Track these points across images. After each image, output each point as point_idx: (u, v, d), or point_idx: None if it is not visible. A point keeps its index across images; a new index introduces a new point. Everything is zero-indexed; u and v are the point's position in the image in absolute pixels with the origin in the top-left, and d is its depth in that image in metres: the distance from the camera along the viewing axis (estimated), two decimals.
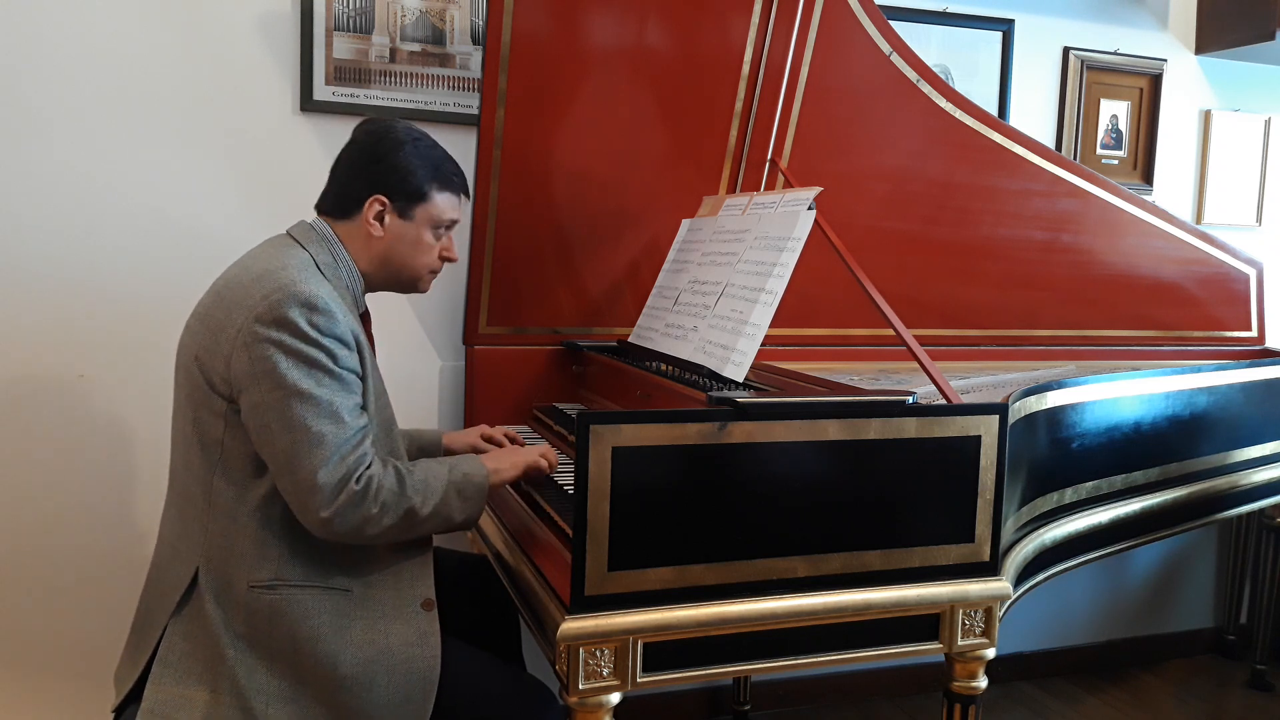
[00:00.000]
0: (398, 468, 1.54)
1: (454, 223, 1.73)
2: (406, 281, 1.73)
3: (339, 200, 1.67)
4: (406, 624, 1.56)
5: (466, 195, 1.75)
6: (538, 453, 1.77)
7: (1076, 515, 2.13)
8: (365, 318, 1.73)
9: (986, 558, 1.68)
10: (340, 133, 1.74)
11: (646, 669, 1.47)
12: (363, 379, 1.55)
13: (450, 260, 1.76)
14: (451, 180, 1.70)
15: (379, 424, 1.61)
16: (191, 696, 1.49)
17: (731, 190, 2.48)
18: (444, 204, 1.69)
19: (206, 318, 1.55)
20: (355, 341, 1.54)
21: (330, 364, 1.48)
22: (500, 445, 1.99)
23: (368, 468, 1.49)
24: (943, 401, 1.73)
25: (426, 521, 1.54)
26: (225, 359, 1.49)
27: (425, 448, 1.97)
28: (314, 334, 1.47)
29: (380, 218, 1.65)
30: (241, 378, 1.47)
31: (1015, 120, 3.02)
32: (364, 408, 1.54)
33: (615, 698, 1.47)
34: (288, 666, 1.50)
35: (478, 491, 1.60)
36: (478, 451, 1.93)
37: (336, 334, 1.49)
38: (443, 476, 1.57)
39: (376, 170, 1.64)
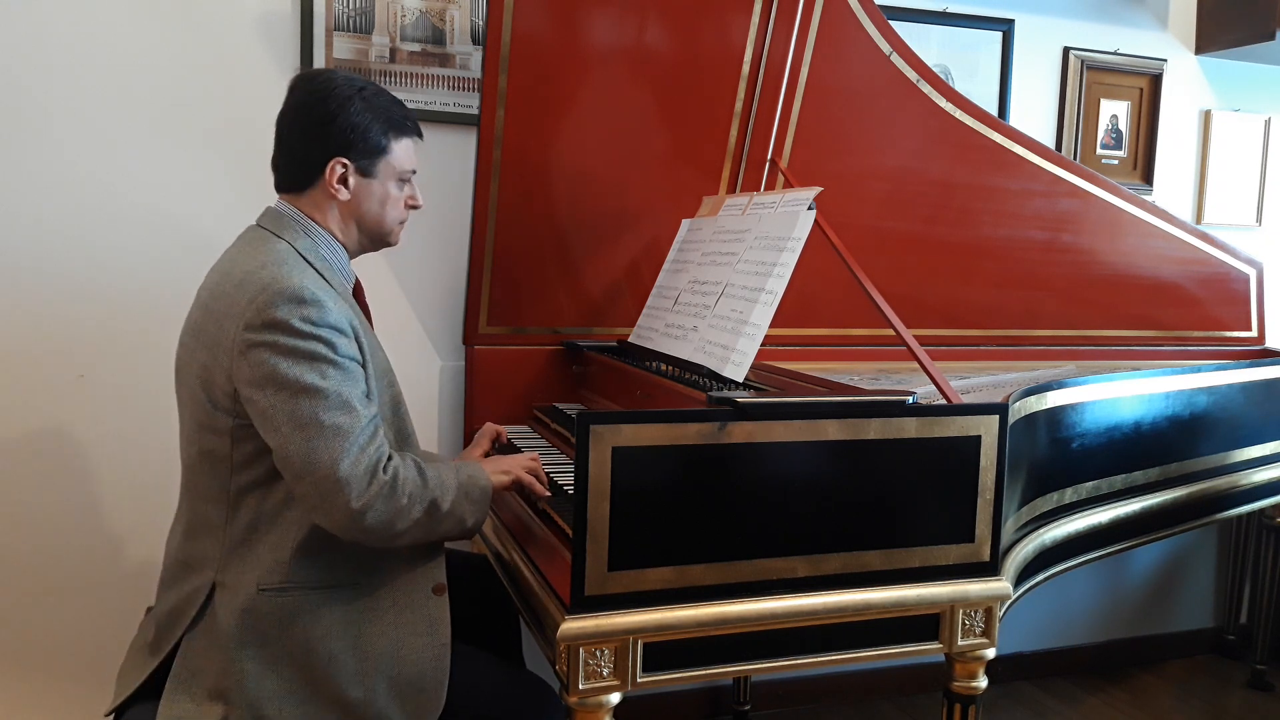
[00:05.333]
0: (416, 461, 1.52)
1: (414, 170, 1.68)
2: (378, 239, 1.69)
3: (297, 171, 1.61)
4: (416, 612, 1.56)
5: (419, 136, 1.69)
6: (531, 461, 1.74)
7: (1076, 515, 2.13)
8: (357, 289, 1.70)
9: (986, 558, 1.68)
10: None
11: (646, 669, 1.47)
12: (363, 364, 1.53)
13: (416, 207, 1.71)
14: (405, 125, 1.65)
15: (386, 401, 1.60)
16: (205, 710, 1.48)
17: (731, 190, 2.48)
18: (403, 153, 1.64)
19: (199, 333, 1.52)
20: (352, 327, 1.51)
21: (331, 354, 1.45)
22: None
23: (389, 459, 1.47)
24: (943, 401, 1.73)
25: (445, 519, 1.52)
26: (226, 373, 1.46)
27: None
28: (307, 328, 1.43)
29: (344, 180, 1.60)
30: (245, 387, 1.44)
31: (1015, 120, 3.02)
32: (369, 395, 1.52)
33: (615, 698, 1.47)
34: (299, 668, 1.49)
35: (482, 495, 1.58)
36: None
37: (330, 323, 1.46)
38: (452, 476, 1.56)
39: (331, 131, 1.57)
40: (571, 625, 1.43)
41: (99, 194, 2.25)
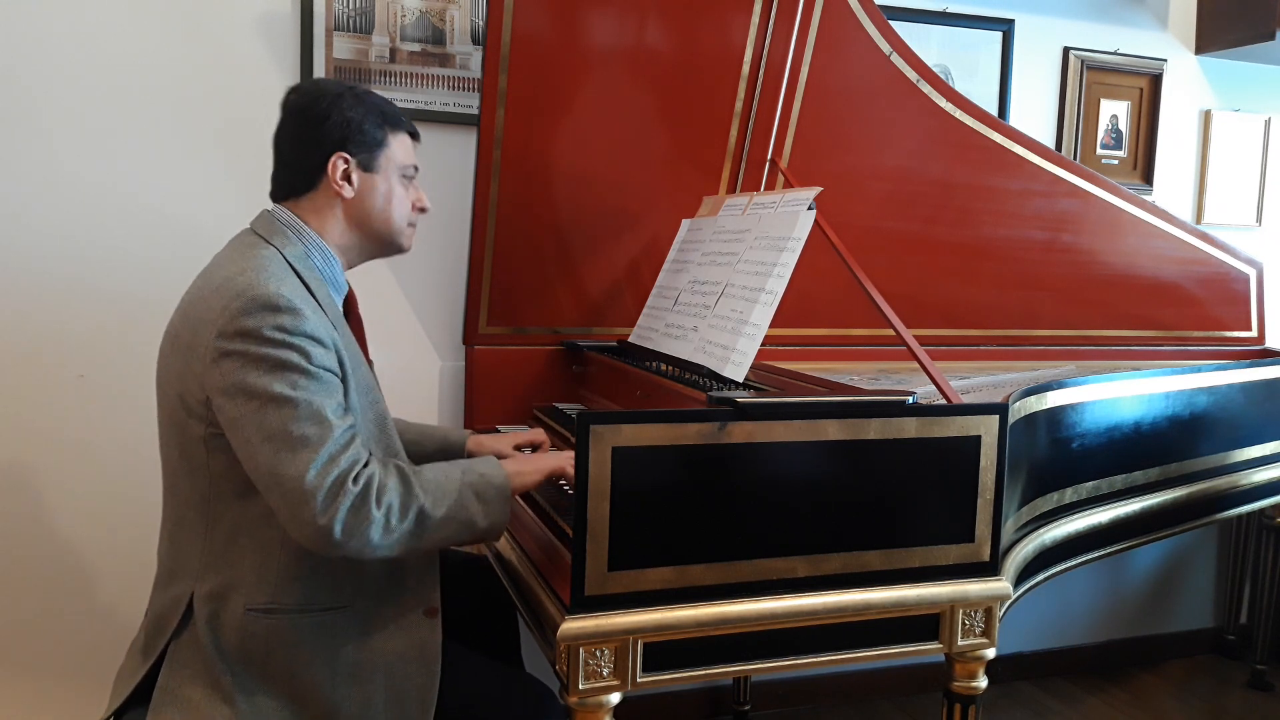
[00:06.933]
0: (400, 466, 1.45)
1: (416, 168, 1.66)
2: (387, 240, 1.64)
3: (295, 177, 1.58)
4: (405, 637, 1.53)
5: (415, 135, 1.67)
6: (564, 458, 1.65)
7: (1076, 515, 2.13)
8: (350, 301, 1.66)
9: (986, 558, 1.68)
10: None
11: (646, 669, 1.47)
12: (343, 378, 1.47)
13: (423, 210, 1.67)
14: (400, 122, 1.63)
15: (371, 419, 1.54)
16: None
17: (731, 190, 2.48)
18: (401, 148, 1.62)
19: (176, 339, 1.49)
20: (332, 340, 1.46)
21: (304, 363, 1.39)
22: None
23: (364, 466, 1.40)
24: (943, 401, 1.73)
25: (442, 526, 1.44)
26: (198, 380, 1.42)
27: (447, 449, 1.91)
28: (280, 335, 1.38)
29: (348, 176, 1.56)
30: (217, 396, 1.40)
31: (1015, 120, 3.02)
32: (348, 408, 1.46)
33: (615, 698, 1.46)
34: (286, 687, 1.48)
35: (499, 494, 1.50)
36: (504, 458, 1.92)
37: (306, 331, 1.40)
38: (455, 477, 1.48)
39: (326, 129, 1.54)
40: (571, 625, 1.43)
41: (99, 194, 2.25)
